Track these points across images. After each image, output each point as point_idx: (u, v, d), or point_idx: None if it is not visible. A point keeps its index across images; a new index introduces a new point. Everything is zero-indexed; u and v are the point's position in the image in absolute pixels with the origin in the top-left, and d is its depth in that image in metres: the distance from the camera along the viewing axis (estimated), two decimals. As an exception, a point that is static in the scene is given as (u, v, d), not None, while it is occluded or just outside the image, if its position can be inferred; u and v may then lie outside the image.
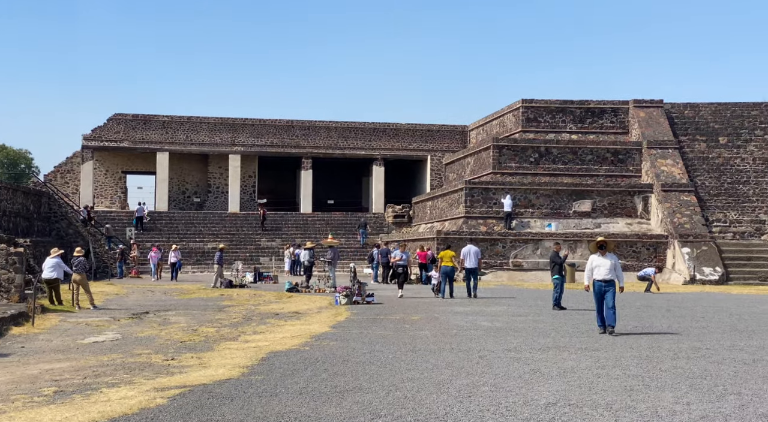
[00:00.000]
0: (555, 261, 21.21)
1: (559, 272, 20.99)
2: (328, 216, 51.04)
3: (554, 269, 21.08)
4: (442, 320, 17.66)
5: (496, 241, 37.46)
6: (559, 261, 21.24)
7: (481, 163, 43.38)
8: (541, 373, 10.55)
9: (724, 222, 37.65)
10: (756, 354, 12.49)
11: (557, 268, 21.04)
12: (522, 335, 14.83)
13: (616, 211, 39.30)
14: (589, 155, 41.40)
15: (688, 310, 20.75)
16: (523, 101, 44.01)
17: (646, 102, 43.57)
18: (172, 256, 36.46)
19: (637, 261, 36.33)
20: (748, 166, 40.62)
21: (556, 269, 21.02)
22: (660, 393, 9.24)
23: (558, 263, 21.18)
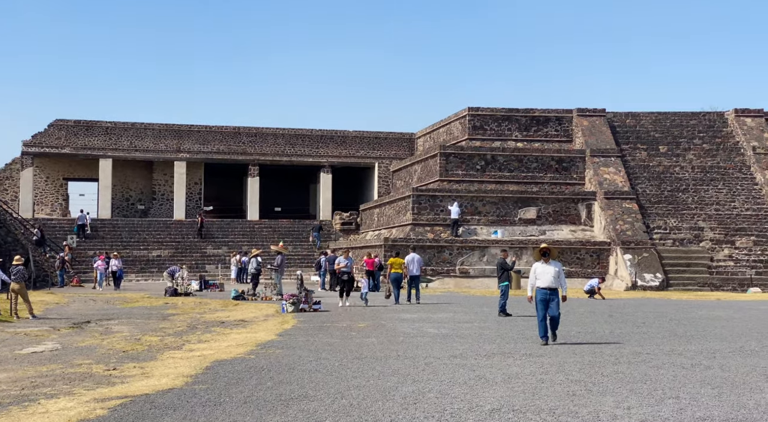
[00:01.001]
0: (504, 268, 21.44)
1: (507, 279, 21.25)
2: (276, 224, 50.76)
3: (502, 276, 21.31)
4: (389, 327, 17.68)
5: (443, 248, 37.68)
6: (507, 268, 21.49)
7: (429, 171, 43.64)
8: (486, 379, 10.64)
9: (664, 229, 38.49)
10: (694, 358, 12.79)
11: (505, 275, 21.29)
12: (468, 341, 14.93)
13: (560, 218, 39.90)
14: (534, 163, 41.97)
15: (630, 316, 21.15)
16: (470, 109, 44.43)
17: (589, 111, 44.37)
18: (113, 265, 35.69)
19: (581, 268, 36.91)
20: (687, 174, 41.62)
21: (504, 276, 21.26)
22: (601, 398, 9.39)
23: (506, 270, 21.44)
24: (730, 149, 42.85)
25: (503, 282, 21.14)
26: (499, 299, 20.87)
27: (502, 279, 21.21)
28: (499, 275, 21.49)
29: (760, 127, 43.47)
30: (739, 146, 42.93)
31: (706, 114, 45.48)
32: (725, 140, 43.45)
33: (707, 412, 8.63)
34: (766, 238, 37.61)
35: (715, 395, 9.59)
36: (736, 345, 14.55)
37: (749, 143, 42.31)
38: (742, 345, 14.68)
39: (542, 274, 14.62)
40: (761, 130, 43.25)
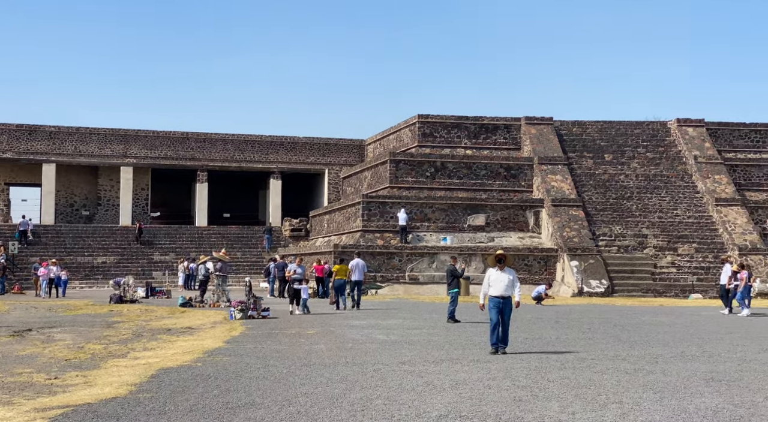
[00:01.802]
0: (454, 275, 21.60)
1: (457, 285, 21.40)
2: (224, 230, 50.31)
3: (452, 283, 21.46)
4: (338, 334, 17.65)
5: (392, 255, 37.77)
6: (457, 275, 21.66)
7: (379, 177, 43.73)
8: (434, 386, 10.69)
9: (609, 236, 39.16)
10: (637, 363, 13.02)
11: (455, 282, 21.45)
12: (416, 348, 14.98)
13: (508, 225, 40.30)
14: (483, 170, 42.35)
15: (576, 322, 21.46)
16: (420, 116, 44.67)
17: (537, 119, 44.97)
18: (53, 272, 34.74)
19: (528, 275, 37.31)
20: (631, 182, 42.43)
21: (454, 283, 21.42)
22: (547, 403, 9.50)
23: (456, 276, 21.60)
24: (672, 158, 43.81)
25: (453, 289, 21.28)
26: (449, 305, 21.00)
27: (452, 286, 21.35)
28: (449, 282, 21.62)
29: (701, 136, 44.55)
30: (681, 155, 43.92)
31: (649, 123, 46.45)
32: (668, 149, 44.42)
33: (649, 417, 8.80)
34: (706, 246, 38.51)
35: (657, 399, 9.78)
36: (677, 351, 14.86)
37: (691, 152, 43.32)
38: (683, 350, 15.00)
39: (496, 282, 14.22)
40: (702, 139, 44.33)
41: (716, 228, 39.47)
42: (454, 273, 21.58)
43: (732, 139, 45.19)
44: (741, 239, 38.03)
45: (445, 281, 24.03)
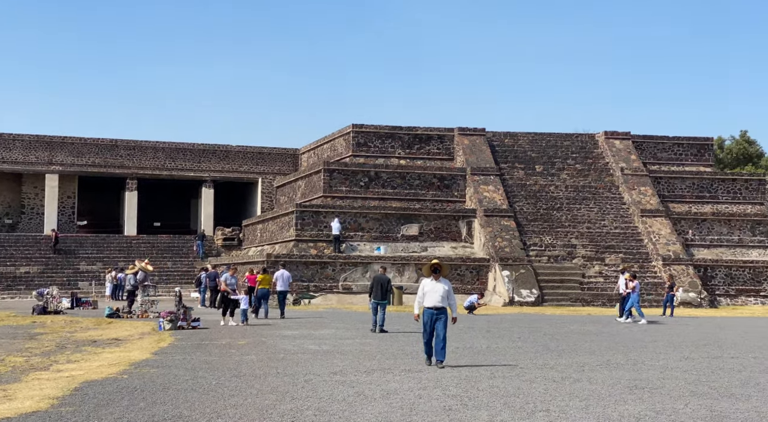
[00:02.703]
0: (382, 285, 21.62)
1: (386, 295, 21.44)
2: (155, 239, 49.41)
3: (380, 292, 21.48)
4: (270, 344, 17.50)
5: (326, 264, 37.66)
6: (385, 285, 21.69)
7: (312, 187, 43.60)
8: (365, 396, 10.68)
9: (540, 246, 39.81)
10: (564, 372, 13.25)
11: (383, 292, 21.48)
12: (348, 358, 14.96)
13: (442, 234, 40.62)
14: (416, 180, 42.62)
15: (506, 331, 21.73)
16: (354, 126, 44.74)
17: (470, 130, 45.50)
18: None
19: (461, 284, 37.64)
20: (561, 193, 43.26)
21: (382, 293, 21.44)
22: (476, 412, 9.59)
23: (384, 286, 21.63)
24: (600, 170, 44.84)
25: (382, 300, 21.31)
26: (378, 315, 21.00)
27: (380, 296, 21.38)
28: (377, 291, 21.63)
29: (628, 149, 45.72)
30: (608, 167, 44.98)
31: (578, 135, 47.48)
32: (596, 161, 45.45)
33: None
34: (632, 256, 39.48)
35: (582, 407, 9.96)
36: (603, 359, 15.18)
37: (618, 164, 44.41)
38: (609, 358, 15.33)
39: (431, 292, 13.76)
40: (628, 152, 45.49)
41: (641, 238, 40.51)
42: (381, 283, 21.62)
43: (656, 152, 46.51)
44: (665, 249, 39.11)
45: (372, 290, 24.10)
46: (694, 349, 17.23)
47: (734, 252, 40.77)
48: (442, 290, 13.76)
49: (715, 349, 17.33)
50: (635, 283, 26.51)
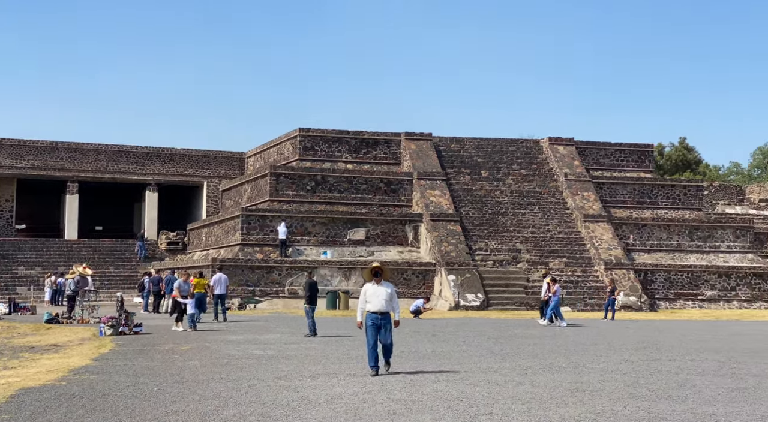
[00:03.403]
0: (312, 289, 21.63)
1: (314, 300, 21.43)
2: (96, 243, 48.48)
3: (310, 297, 21.48)
4: (214, 349, 17.32)
5: (272, 269, 37.43)
6: (316, 288, 21.76)
7: (259, 191, 43.31)
8: (310, 401, 10.65)
9: (485, 250, 40.18)
10: (508, 375, 13.40)
11: (314, 296, 21.52)
12: (293, 363, 14.89)
13: (388, 239, 40.71)
14: (363, 184, 42.66)
15: (452, 335, 21.88)
16: (301, 130, 44.59)
17: (417, 135, 45.72)
18: None
19: (407, 288, 37.78)
20: (506, 198, 43.73)
21: (312, 297, 21.46)
22: (420, 416, 9.64)
23: (315, 290, 21.69)
24: (545, 175, 45.47)
25: (312, 304, 21.32)
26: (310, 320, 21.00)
27: (311, 301, 21.39)
28: (308, 295, 21.61)
29: (571, 155, 46.46)
30: (552, 172, 45.64)
31: (523, 141, 48.07)
32: (540, 166, 46.08)
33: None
34: (575, 260, 40.11)
35: (524, 410, 10.09)
36: (546, 362, 15.38)
37: (562, 170, 45.09)
38: (552, 361, 15.55)
39: (373, 297, 13.25)
40: (572, 158, 46.23)
41: (584, 243, 41.18)
42: (312, 287, 21.66)
43: (599, 158, 47.35)
44: (606, 254, 39.83)
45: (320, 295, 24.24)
46: (633, 352, 17.57)
47: (673, 257, 41.72)
48: (384, 294, 13.25)
49: (654, 352, 17.70)
50: (556, 287, 27.04)
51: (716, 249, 42.54)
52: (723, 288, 40.26)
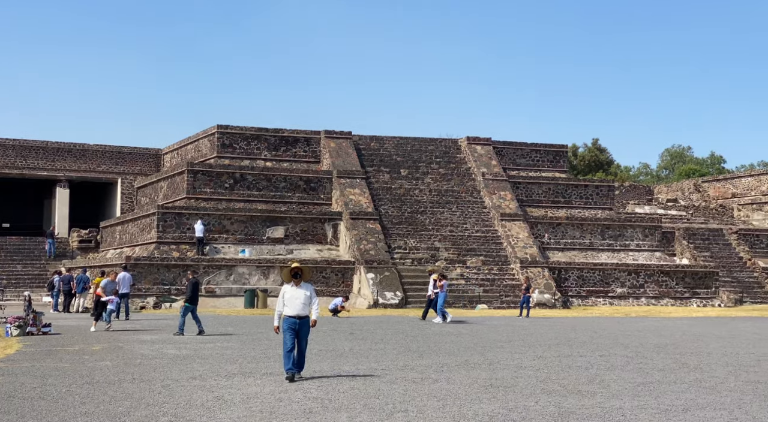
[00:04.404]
0: (194, 289, 21.41)
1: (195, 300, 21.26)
2: (3, 241, 46.72)
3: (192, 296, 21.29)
4: (127, 349, 16.93)
5: (188, 267, 36.69)
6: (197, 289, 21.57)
7: (175, 188, 42.52)
8: (225, 400, 10.53)
9: (404, 249, 40.44)
10: (424, 372, 13.53)
11: (194, 296, 21.34)
12: (209, 362, 14.69)
13: (307, 237, 40.54)
14: (283, 182, 42.37)
15: (370, 333, 21.95)
16: (219, 127, 43.97)
17: (336, 133, 45.67)
18: None
19: (326, 287, 37.70)
20: (425, 196, 44.12)
21: (192, 296, 21.28)
22: (336, 415, 9.64)
23: (197, 289, 21.49)
24: (463, 174, 46.06)
25: (192, 304, 21.12)
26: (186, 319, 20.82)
27: (191, 300, 21.19)
28: (189, 295, 21.39)
29: (489, 154, 47.21)
30: (470, 172, 46.28)
31: (442, 140, 48.58)
32: (459, 166, 46.66)
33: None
34: (492, 258, 40.77)
35: (439, 407, 10.21)
36: (461, 359, 15.60)
37: (479, 169, 45.76)
38: (467, 358, 15.77)
39: (292, 300, 12.53)
40: (489, 157, 46.97)
41: (501, 242, 41.90)
42: (195, 286, 21.47)
43: (515, 158, 48.24)
44: (522, 252, 40.62)
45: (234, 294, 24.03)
46: (546, 349, 17.98)
47: (586, 255, 42.86)
48: (303, 296, 12.54)
49: (566, 348, 18.15)
50: (443, 283, 27.37)
51: (626, 248, 43.90)
52: (632, 285, 41.57)
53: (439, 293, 27.00)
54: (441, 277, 27.55)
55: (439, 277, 27.50)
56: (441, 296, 26.97)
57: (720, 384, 12.61)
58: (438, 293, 27.06)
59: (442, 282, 27.14)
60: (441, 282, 27.11)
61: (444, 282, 27.28)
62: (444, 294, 27.14)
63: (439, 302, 26.94)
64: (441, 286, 26.98)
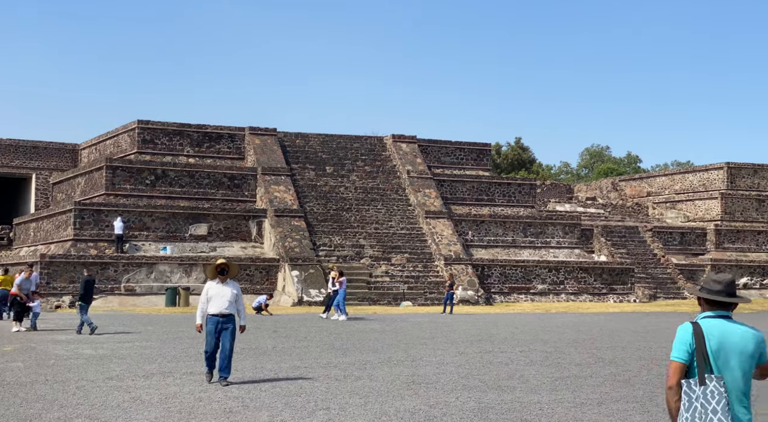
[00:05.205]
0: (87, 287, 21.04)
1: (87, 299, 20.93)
2: None
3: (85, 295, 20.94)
4: (40, 350, 16.41)
5: (107, 265, 35.92)
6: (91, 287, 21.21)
7: (94, 184, 41.42)
8: (142, 401, 10.30)
9: (329, 246, 40.35)
10: (347, 370, 13.52)
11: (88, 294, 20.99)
12: (126, 362, 14.36)
13: (231, 234, 40.05)
14: (206, 179, 41.74)
15: (294, 331, 21.82)
16: (139, 122, 43.02)
17: (261, 130, 45.24)
18: None
19: (250, 284, 37.33)
20: (350, 194, 44.11)
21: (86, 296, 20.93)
22: (257, 413, 9.54)
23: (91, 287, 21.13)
24: (388, 172, 46.22)
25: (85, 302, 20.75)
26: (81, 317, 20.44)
27: (84, 298, 20.83)
28: (82, 293, 21.01)
29: (414, 152, 47.50)
30: (396, 169, 46.48)
31: (368, 138, 48.63)
32: (384, 163, 46.80)
33: (353, 421, 9.16)
34: (417, 256, 41.05)
35: (361, 404, 10.21)
36: (385, 356, 15.64)
37: (404, 167, 46.00)
38: (391, 355, 15.83)
39: (216, 298, 11.86)
40: (414, 155, 47.26)
41: (426, 239, 42.21)
42: (87, 285, 21.10)
43: (440, 156, 48.67)
44: (447, 249, 41.02)
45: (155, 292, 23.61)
46: (469, 345, 18.20)
47: (508, 252, 43.56)
48: (229, 294, 11.87)
49: (488, 344, 18.41)
50: (342, 280, 27.72)
51: (547, 245, 44.80)
52: (553, 282, 42.45)
53: (339, 290, 27.34)
54: (339, 274, 27.93)
55: (337, 275, 27.87)
56: (341, 293, 27.32)
57: (634, 378, 12.98)
58: (337, 290, 27.43)
59: (341, 279, 27.51)
60: (340, 279, 27.50)
61: (343, 279, 27.64)
62: (343, 291, 27.47)
63: (338, 299, 27.26)
64: (340, 283, 27.36)
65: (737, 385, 4.78)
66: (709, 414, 4.63)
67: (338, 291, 27.25)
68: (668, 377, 4.85)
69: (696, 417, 4.66)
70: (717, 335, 4.81)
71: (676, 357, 4.82)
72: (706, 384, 4.69)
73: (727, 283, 4.96)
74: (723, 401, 4.65)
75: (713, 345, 4.79)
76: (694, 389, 4.71)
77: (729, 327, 4.85)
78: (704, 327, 4.84)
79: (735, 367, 4.78)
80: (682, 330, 4.88)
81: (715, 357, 4.77)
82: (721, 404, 4.64)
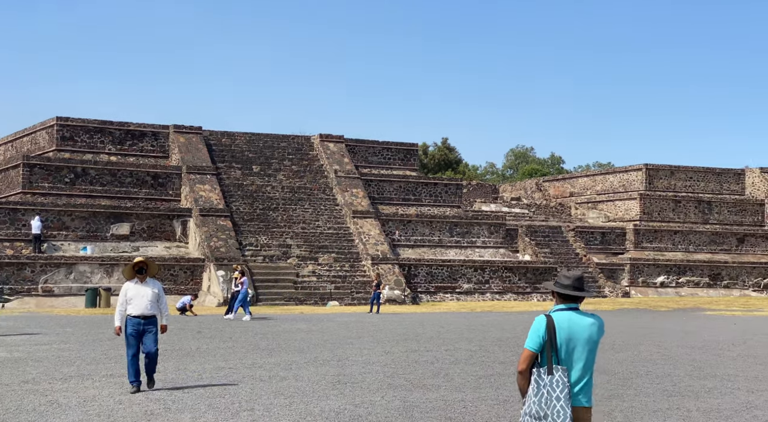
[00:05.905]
0: None
1: None
2: None
3: None
4: (-49, 355, 15.78)
5: (24, 266, 34.81)
6: None
7: (10, 182, 40.08)
8: (59, 404, 10.02)
9: (256, 246, 39.97)
10: (272, 370, 13.41)
11: None
12: (43, 365, 13.94)
13: (155, 234, 39.29)
14: (128, 178, 40.85)
15: (218, 331, 21.54)
16: (58, 119, 41.81)
17: (186, 128, 44.51)
18: None
19: (174, 285, 36.69)
20: (277, 193, 43.79)
21: None
22: (179, 415, 9.38)
23: None
24: (315, 171, 46.07)
25: None
26: None
27: None
28: None
29: (341, 152, 47.46)
30: (323, 169, 46.36)
31: (295, 137, 48.37)
32: (312, 163, 46.63)
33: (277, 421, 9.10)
34: (344, 255, 41.03)
35: (286, 404, 10.14)
36: (311, 356, 15.58)
37: (332, 166, 45.92)
38: (317, 355, 15.78)
39: (136, 298, 11.34)
40: (342, 155, 47.23)
41: (353, 239, 42.23)
42: None
43: (368, 156, 48.75)
44: (374, 249, 41.12)
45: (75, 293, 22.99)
46: (395, 344, 18.28)
47: (435, 252, 43.93)
48: (150, 294, 11.38)
49: (414, 344, 18.52)
50: (244, 280, 27.87)
51: (473, 245, 45.36)
52: (478, 281, 42.99)
53: (240, 290, 27.46)
54: (241, 274, 28.05)
55: (239, 275, 27.96)
56: (242, 292, 27.44)
57: (556, 374, 13.23)
58: (239, 290, 27.55)
59: (242, 279, 27.64)
60: (241, 279, 27.64)
61: (244, 279, 27.77)
62: (245, 291, 27.56)
63: (239, 298, 27.38)
64: (241, 283, 27.49)
65: (580, 375, 5.45)
66: (553, 401, 5.33)
67: (240, 291, 27.43)
68: (519, 363, 5.51)
69: (542, 402, 5.35)
70: (566, 327, 5.48)
71: (529, 346, 5.49)
72: (553, 374, 5.38)
73: (575, 278, 5.64)
74: (566, 390, 5.34)
75: (562, 337, 5.45)
76: (543, 377, 5.39)
77: (576, 318, 5.53)
78: (556, 320, 5.50)
79: (580, 358, 5.45)
80: (537, 323, 5.53)
81: (563, 348, 5.43)
82: (564, 392, 5.34)
